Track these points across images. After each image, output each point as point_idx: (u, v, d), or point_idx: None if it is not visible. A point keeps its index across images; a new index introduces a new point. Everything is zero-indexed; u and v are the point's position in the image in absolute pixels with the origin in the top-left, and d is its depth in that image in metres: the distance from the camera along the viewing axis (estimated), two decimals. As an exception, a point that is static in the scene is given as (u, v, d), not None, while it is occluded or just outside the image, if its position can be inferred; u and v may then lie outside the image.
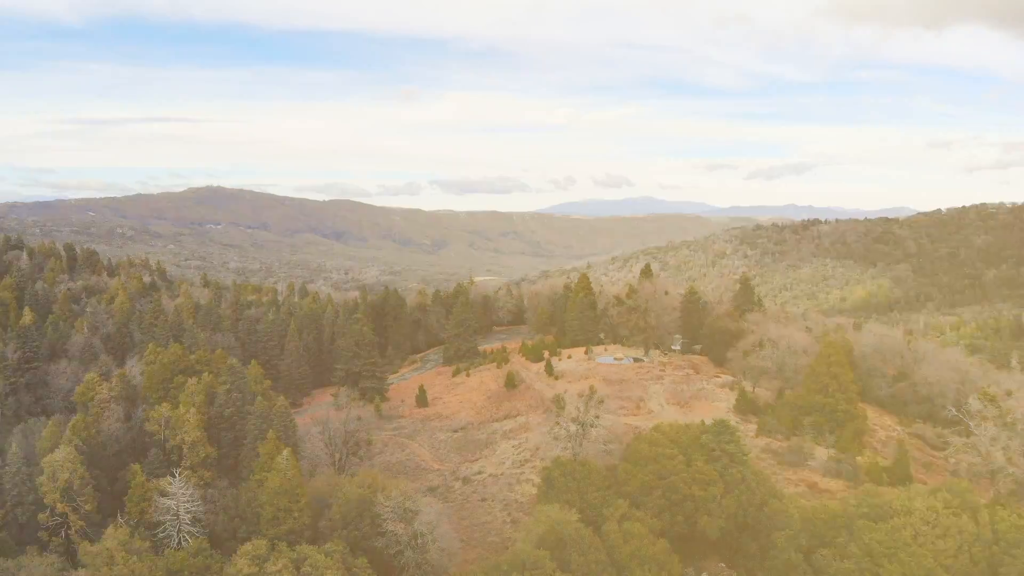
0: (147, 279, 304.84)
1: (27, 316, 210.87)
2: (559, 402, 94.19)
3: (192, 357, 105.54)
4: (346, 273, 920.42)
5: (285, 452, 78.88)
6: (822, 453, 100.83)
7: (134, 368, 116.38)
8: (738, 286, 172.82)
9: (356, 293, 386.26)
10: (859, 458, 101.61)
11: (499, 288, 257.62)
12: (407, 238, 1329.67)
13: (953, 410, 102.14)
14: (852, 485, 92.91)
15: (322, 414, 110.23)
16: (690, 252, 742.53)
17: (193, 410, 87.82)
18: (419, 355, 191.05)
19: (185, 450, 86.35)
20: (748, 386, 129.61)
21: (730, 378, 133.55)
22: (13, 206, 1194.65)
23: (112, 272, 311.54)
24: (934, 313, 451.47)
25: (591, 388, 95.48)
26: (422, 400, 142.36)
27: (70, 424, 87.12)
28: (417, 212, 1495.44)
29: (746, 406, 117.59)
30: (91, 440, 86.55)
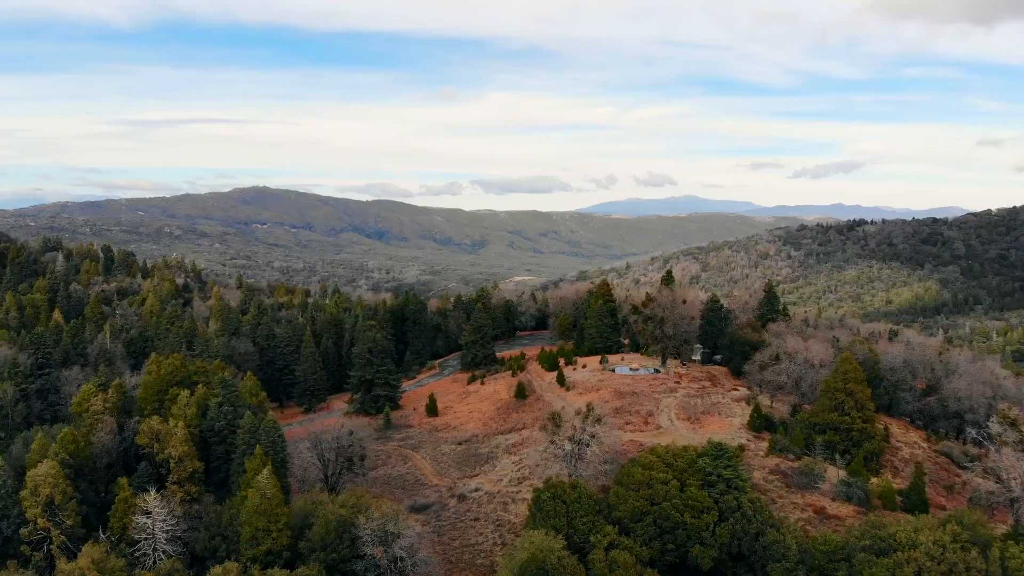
0: (180, 281, 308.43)
1: (56, 318, 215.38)
2: (555, 419, 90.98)
3: (190, 368, 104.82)
4: (387, 272, 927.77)
5: (264, 471, 77.20)
6: (835, 474, 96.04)
7: (135, 378, 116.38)
8: (763, 294, 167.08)
9: (390, 295, 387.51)
10: (875, 479, 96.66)
11: (523, 292, 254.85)
12: (447, 237, 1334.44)
13: (972, 431, 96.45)
14: (863, 511, 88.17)
15: (319, 426, 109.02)
16: (732, 252, 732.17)
17: (180, 424, 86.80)
18: (438, 361, 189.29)
19: (172, 464, 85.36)
20: (766, 400, 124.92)
21: (747, 392, 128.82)
22: (64, 205, 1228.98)
23: (147, 274, 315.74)
24: (982, 317, 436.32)
25: (588, 405, 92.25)
26: (432, 409, 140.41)
27: (59, 436, 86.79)
28: (457, 212, 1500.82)
29: (761, 423, 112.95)
30: (80, 453, 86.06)
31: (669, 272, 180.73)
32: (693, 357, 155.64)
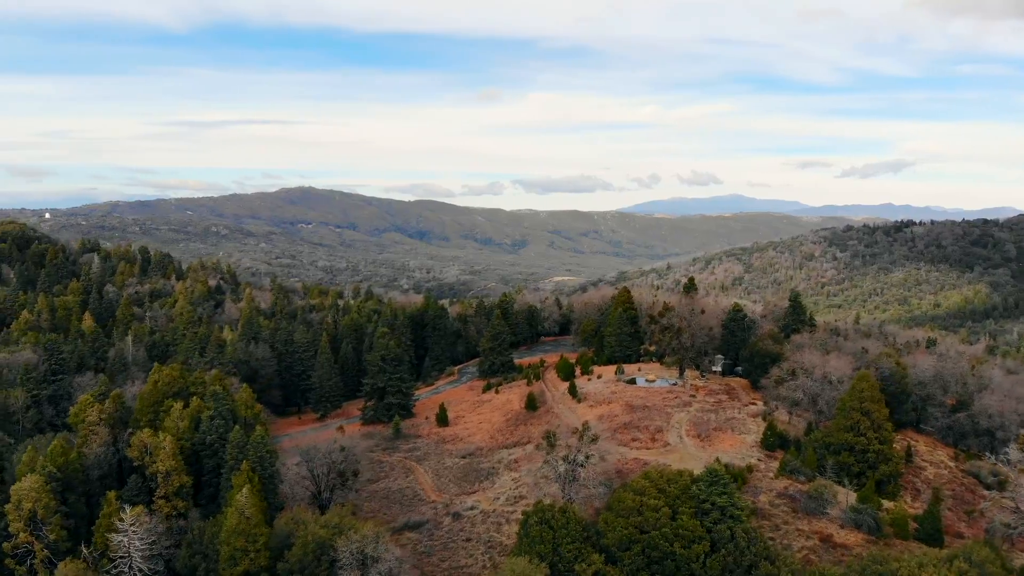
0: (213, 282, 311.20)
1: (87, 322, 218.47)
2: (550, 438, 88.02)
3: (189, 378, 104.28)
4: (427, 272, 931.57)
5: (244, 489, 75.79)
6: (847, 499, 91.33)
7: (136, 387, 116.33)
8: (788, 302, 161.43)
9: (419, 297, 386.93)
10: (890, 504, 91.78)
11: (546, 298, 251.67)
12: (488, 237, 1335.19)
13: (992, 457, 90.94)
14: (873, 539, 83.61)
15: (312, 439, 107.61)
16: (776, 253, 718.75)
17: (168, 437, 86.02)
18: (457, 367, 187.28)
19: (159, 479, 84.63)
20: (784, 416, 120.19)
21: (765, 407, 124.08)
22: (116, 205, 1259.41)
23: (181, 275, 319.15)
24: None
25: (584, 423, 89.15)
26: (442, 419, 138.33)
27: (49, 448, 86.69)
28: (498, 212, 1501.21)
29: (775, 441, 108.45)
30: (69, 465, 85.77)
31: (691, 280, 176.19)
32: (713, 368, 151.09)
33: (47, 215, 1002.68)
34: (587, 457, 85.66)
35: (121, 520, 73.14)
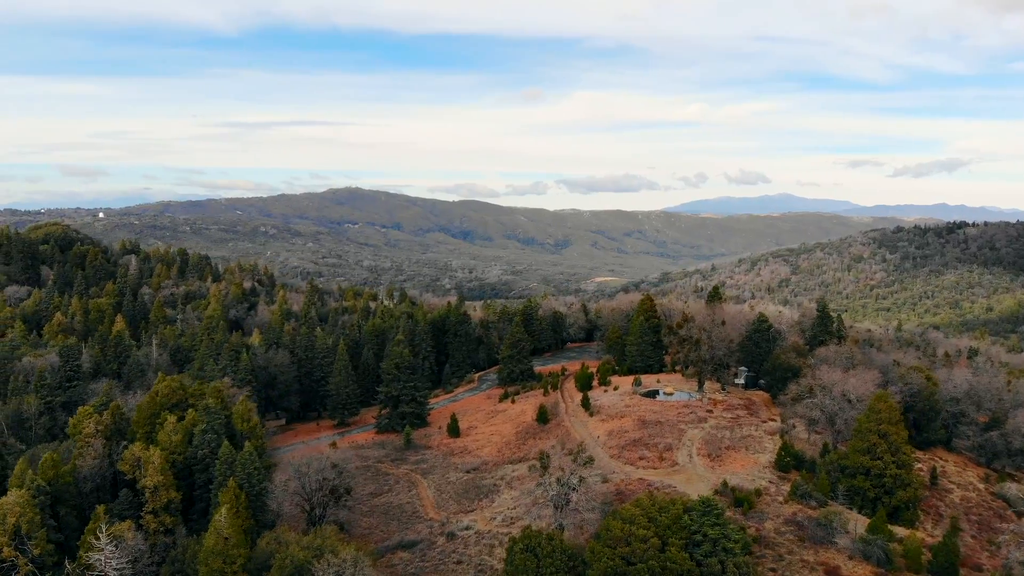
0: (248, 284, 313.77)
1: (119, 325, 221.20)
2: (543, 459, 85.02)
3: (188, 390, 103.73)
4: (470, 272, 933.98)
5: (223, 509, 74.43)
6: (861, 526, 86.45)
7: (135, 398, 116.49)
8: (816, 312, 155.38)
9: (453, 299, 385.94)
10: (906, 532, 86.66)
11: (572, 303, 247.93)
12: (531, 237, 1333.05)
13: (1013, 488, 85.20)
14: (883, 571, 78.77)
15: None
16: (824, 255, 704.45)
17: (157, 452, 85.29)
18: (478, 374, 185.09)
19: (148, 494, 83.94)
20: (803, 434, 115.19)
21: (783, 424, 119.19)
22: (168, 205, 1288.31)
23: (217, 277, 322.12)
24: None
25: (580, 444, 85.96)
26: (453, 430, 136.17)
27: (40, 462, 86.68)
28: (541, 211, 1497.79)
29: (789, 461, 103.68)
30: (59, 479, 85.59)
31: (715, 288, 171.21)
32: (736, 381, 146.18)
33: (101, 215, 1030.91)
34: (580, 480, 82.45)
35: (97, 538, 72.37)
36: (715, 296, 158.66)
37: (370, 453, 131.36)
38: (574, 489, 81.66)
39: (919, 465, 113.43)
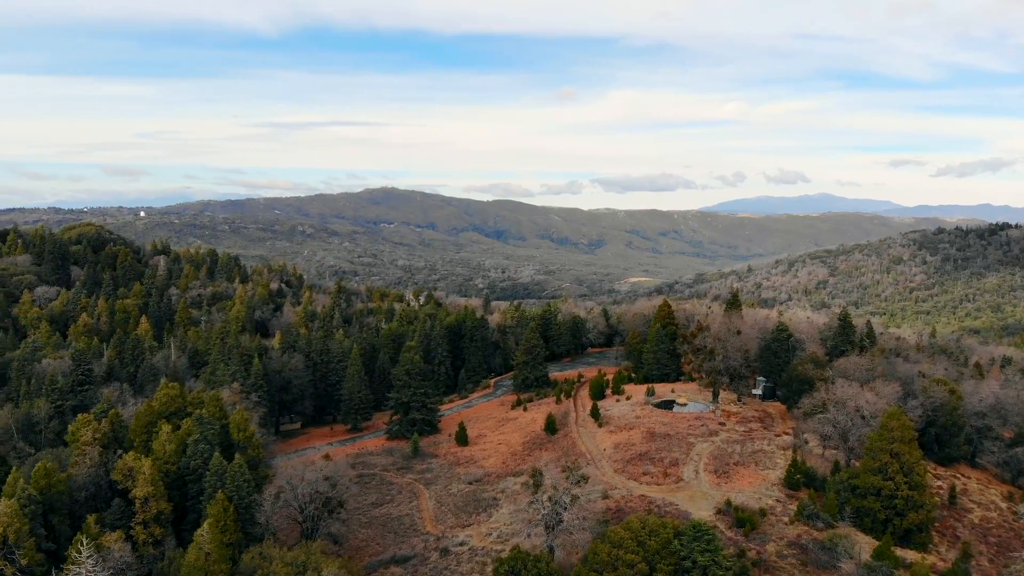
0: (275, 285, 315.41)
1: (143, 326, 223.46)
2: (535, 475, 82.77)
3: (188, 397, 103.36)
4: (503, 272, 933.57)
5: (205, 523, 73.52)
6: (869, 549, 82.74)
7: (135, 406, 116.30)
8: (837, 321, 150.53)
9: (478, 300, 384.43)
10: (917, 556, 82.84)
11: (592, 308, 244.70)
12: (564, 237, 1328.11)
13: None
14: (889, 603, 75.20)
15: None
16: (863, 256, 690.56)
17: (147, 462, 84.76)
18: (494, 379, 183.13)
19: (138, 505, 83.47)
20: (818, 450, 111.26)
21: (795, 439, 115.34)
22: (208, 204, 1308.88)
23: (246, 278, 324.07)
24: None
25: (574, 461, 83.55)
26: (462, 438, 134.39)
27: (33, 471, 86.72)
28: (575, 211, 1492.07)
29: (800, 479, 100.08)
30: (52, 488, 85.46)
31: (734, 295, 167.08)
32: (754, 391, 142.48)
33: (142, 213, 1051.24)
34: (573, 499, 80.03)
35: (78, 552, 71.86)
36: (734, 303, 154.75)
37: (377, 460, 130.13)
38: (565, 508, 79.25)
39: (939, 483, 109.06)
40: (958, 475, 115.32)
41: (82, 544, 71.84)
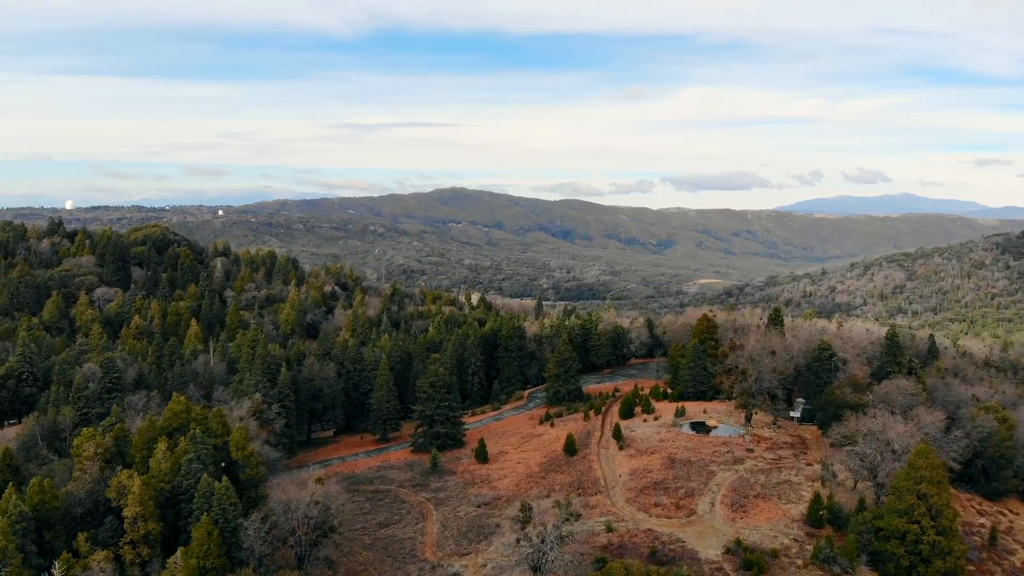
0: (328, 288, 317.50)
1: (193, 328, 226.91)
2: (525, 511, 78.85)
3: (194, 412, 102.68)
4: (568, 272, 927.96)
5: (178, 552, 72.22)
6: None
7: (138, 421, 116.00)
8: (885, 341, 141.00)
9: (531, 302, 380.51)
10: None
11: (635, 318, 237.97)
12: (632, 237, 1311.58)
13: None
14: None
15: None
16: (942, 260, 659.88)
17: (137, 480, 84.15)
18: (528, 391, 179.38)
19: (127, 524, 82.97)
20: (849, 483, 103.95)
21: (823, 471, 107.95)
22: (284, 203, 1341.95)
23: (301, 280, 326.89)
24: None
25: (566, 497, 79.35)
26: (481, 455, 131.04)
27: (28, 487, 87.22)
28: (644, 210, 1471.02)
29: (824, 515, 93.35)
30: (46, 504, 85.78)
31: (776, 311, 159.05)
32: (792, 414, 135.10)
33: (220, 212, 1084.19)
34: (561, 539, 75.80)
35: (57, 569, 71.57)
36: (775, 320, 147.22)
37: (395, 475, 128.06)
38: (552, 548, 75.05)
39: (981, 520, 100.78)
40: (1005, 510, 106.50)
41: (54, 569, 71.42)
